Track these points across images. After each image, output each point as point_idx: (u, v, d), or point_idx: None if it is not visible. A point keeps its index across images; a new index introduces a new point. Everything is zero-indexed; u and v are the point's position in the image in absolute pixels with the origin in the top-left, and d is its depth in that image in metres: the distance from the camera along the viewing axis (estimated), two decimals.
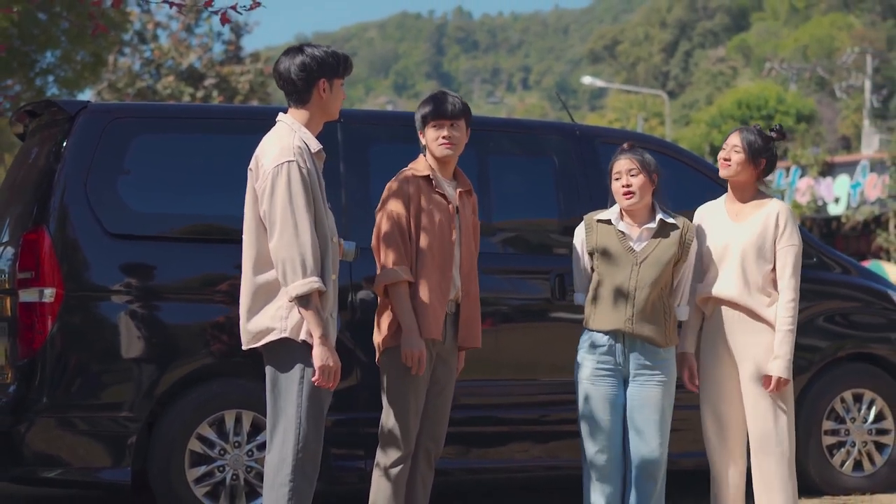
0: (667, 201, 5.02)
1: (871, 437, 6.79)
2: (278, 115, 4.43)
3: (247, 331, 4.32)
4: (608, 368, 4.87)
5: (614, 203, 4.98)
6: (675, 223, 4.92)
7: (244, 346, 4.36)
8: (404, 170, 4.90)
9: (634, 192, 4.87)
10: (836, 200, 28.54)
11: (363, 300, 5.78)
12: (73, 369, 5.54)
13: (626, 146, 4.98)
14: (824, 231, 28.90)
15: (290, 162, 4.21)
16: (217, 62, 30.24)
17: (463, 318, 4.90)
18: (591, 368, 4.89)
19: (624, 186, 4.88)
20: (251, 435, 5.67)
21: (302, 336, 4.22)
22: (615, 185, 4.92)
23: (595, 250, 4.93)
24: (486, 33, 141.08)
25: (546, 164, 6.49)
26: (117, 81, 27.89)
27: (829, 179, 28.80)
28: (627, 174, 4.88)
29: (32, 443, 5.48)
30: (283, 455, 4.24)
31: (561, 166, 6.45)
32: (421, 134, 4.90)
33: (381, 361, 4.85)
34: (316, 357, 4.18)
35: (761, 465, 5.08)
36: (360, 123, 6.19)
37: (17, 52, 16.20)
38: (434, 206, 4.80)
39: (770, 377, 5.02)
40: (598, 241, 4.92)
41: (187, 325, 5.72)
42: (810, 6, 63.59)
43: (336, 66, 4.38)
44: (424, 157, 4.91)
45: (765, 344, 5.05)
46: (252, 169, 4.32)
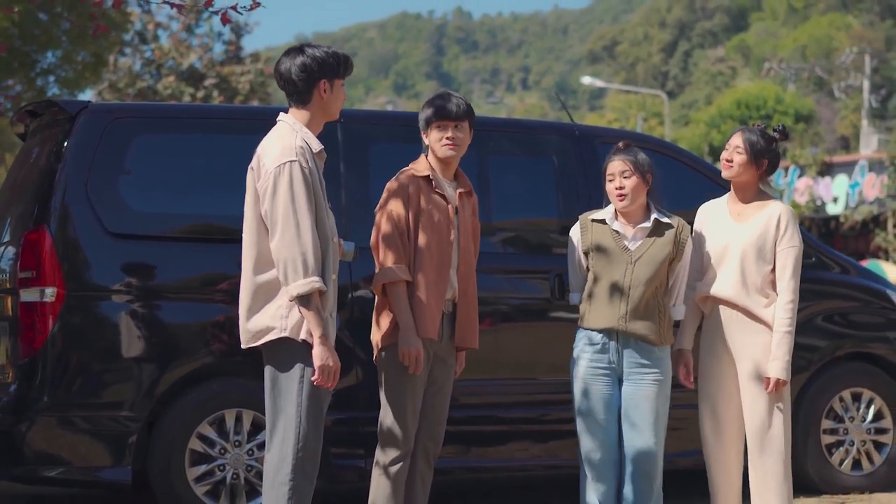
0: (663, 201, 5.02)
1: (869, 436, 6.80)
2: (279, 115, 4.43)
3: (246, 330, 4.32)
4: (602, 367, 4.88)
5: (610, 203, 4.99)
6: (669, 222, 4.92)
7: (243, 344, 4.37)
8: (404, 169, 4.91)
9: (627, 194, 4.88)
10: (835, 200, 28.54)
11: (362, 299, 5.79)
12: (74, 369, 5.54)
13: (621, 145, 4.98)
14: (823, 231, 28.91)
15: (292, 162, 4.20)
16: (217, 62, 30.24)
17: (459, 318, 4.91)
18: (585, 367, 4.90)
19: (617, 189, 4.89)
20: (251, 434, 5.67)
21: (302, 335, 4.22)
22: (609, 186, 4.93)
23: (590, 250, 4.93)
24: (485, 33, 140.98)
25: (546, 164, 6.50)
26: (118, 81, 27.89)
27: (827, 179, 28.80)
28: (620, 176, 4.88)
29: (33, 442, 5.48)
30: (283, 454, 4.24)
31: (560, 166, 6.46)
32: (424, 134, 4.91)
33: (379, 360, 4.86)
34: (316, 357, 4.18)
35: (757, 465, 5.09)
36: (360, 123, 6.20)
37: (17, 52, 16.18)
38: (433, 207, 4.81)
39: (769, 378, 5.03)
40: (592, 241, 4.93)
41: (188, 325, 5.73)
42: (809, 6, 63.56)
43: (337, 67, 4.38)
44: (426, 158, 4.92)
45: (762, 344, 5.06)
46: (253, 168, 4.32)
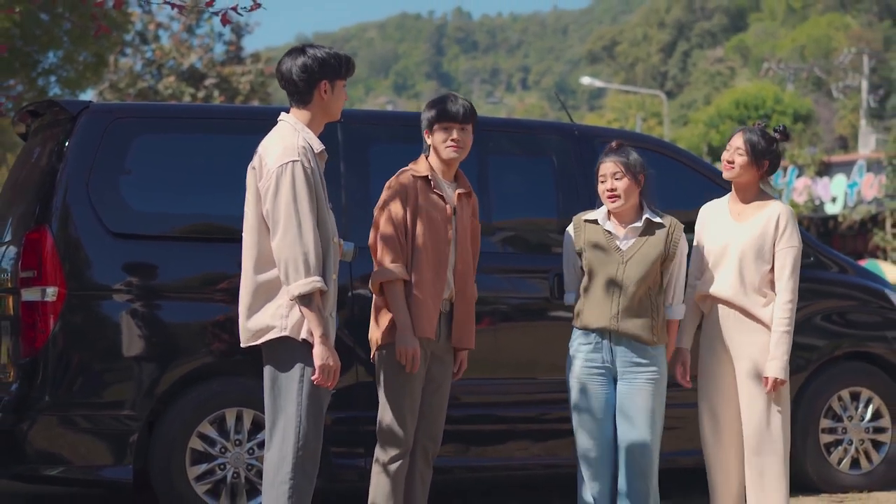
0: (659, 200, 5.02)
1: (868, 435, 6.81)
2: (280, 115, 4.44)
3: (246, 329, 4.33)
4: (597, 366, 4.90)
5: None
6: (661, 222, 4.93)
7: (243, 343, 4.37)
8: (403, 169, 4.92)
9: (619, 196, 4.89)
10: (833, 200, 28.57)
11: (362, 298, 5.80)
12: (75, 368, 5.56)
13: (614, 146, 4.98)
14: (821, 230, 28.95)
15: (294, 162, 4.21)
16: (218, 62, 30.26)
17: (456, 318, 4.91)
18: (580, 366, 4.92)
19: (609, 190, 4.91)
20: (252, 433, 5.68)
21: (302, 335, 4.23)
22: (600, 187, 4.94)
23: (583, 250, 4.95)
24: (485, 34, 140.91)
25: (545, 163, 6.52)
26: (119, 82, 27.92)
27: (826, 179, 28.84)
28: (612, 178, 4.90)
29: (34, 441, 5.49)
30: (283, 453, 4.25)
31: (560, 166, 6.47)
32: (426, 133, 4.91)
33: (377, 358, 4.87)
34: (316, 356, 4.18)
35: (755, 464, 5.09)
36: (360, 123, 6.20)
37: (19, 52, 16.21)
38: (431, 206, 4.82)
39: (767, 378, 5.04)
40: (586, 241, 4.95)
41: (188, 324, 5.74)
42: (807, 7, 63.56)
43: (338, 68, 4.38)
44: (425, 158, 4.93)
45: (760, 343, 5.06)
46: (255, 167, 4.31)
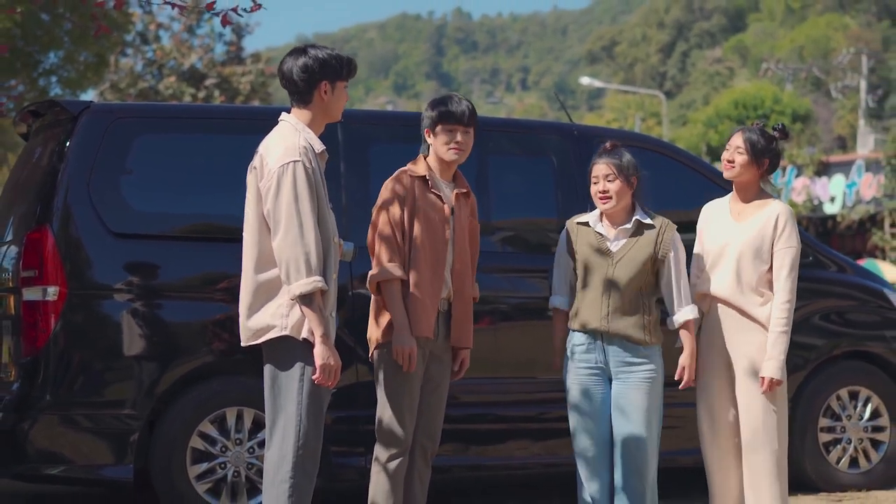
0: (648, 201, 5.02)
1: (866, 434, 6.83)
2: (281, 115, 4.44)
3: (247, 328, 4.34)
4: (591, 366, 4.91)
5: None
6: (651, 223, 4.94)
7: (243, 342, 4.38)
8: (402, 169, 4.92)
9: (610, 198, 4.90)
10: (832, 200, 28.59)
11: (362, 298, 5.80)
12: (76, 367, 5.57)
13: (608, 146, 4.99)
14: (820, 230, 28.95)
15: (295, 162, 4.21)
16: (218, 63, 30.28)
17: (455, 317, 4.92)
18: (575, 366, 4.94)
19: (601, 192, 4.92)
20: (252, 432, 5.70)
21: (303, 334, 4.23)
22: (593, 188, 4.96)
23: (576, 253, 4.98)
24: (485, 34, 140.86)
25: (545, 163, 6.53)
26: (120, 82, 27.93)
27: (824, 179, 28.85)
28: (605, 179, 4.91)
29: (35, 440, 5.51)
30: (283, 452, 4.25)
31: (559, 166, 6.49)
32: (428, 132, 4.89)
33: (376, 357, 4.87)
34: (317, 355, 4.19)
35: (752, 463, 5.09)
36: (360, 123, 6.22)
37: (20, 52, 16.23)
38: (429, 206, 4.82)
39: (763, 378, 5.03)
40: (578, 244, 4.97)
41: (189, 324, 5.75)
42: (806, 7, 63.57)
43: (339, 69, 4.38)
44: (424, 157, 4.93)
45: (757, 343, 5.06)
46: (256, 167, 4.32)
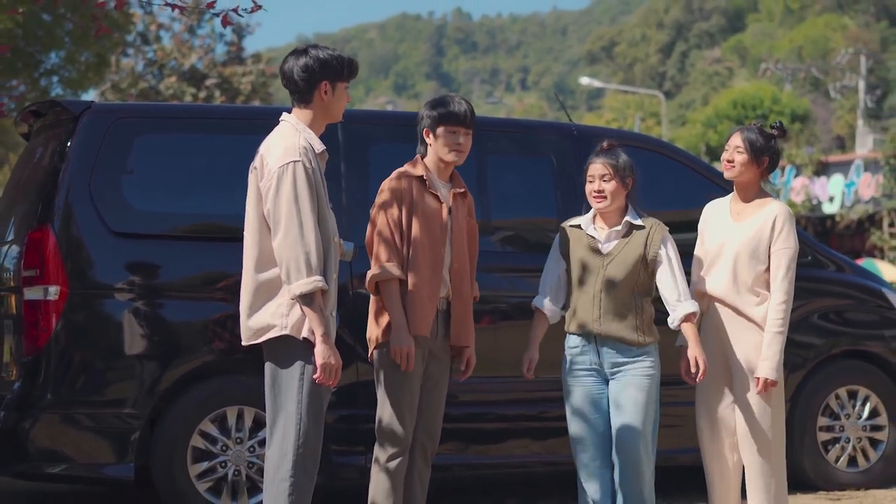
0: (642, 202, 5.02)
1: (865, 433, 6.85)
2: (282, 115, 4.45)
3: (247, 327, 4.35)
4: (586, 368, 4.93)
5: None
6: (641, 224, 4.94)
7: (244, 342, 4.39)
8: (399, 170, 4.92)
9: (605, 198, 4.91)
10: (831, 199, 28.62)
11: (362, 297, 5.81)
12: (77, 366, 5.58)
13: (605, 146, 5.00)
14: (819, 230, 28.98)
15: (295, 162, 4.23)
16: (219, 63, 30.32)
17: (454, 316, 4.92)
18: (572, 368, 4.96)
19: (596, 191, 4.93)
20: (253, 431, 5.71)
21: (303, 333, 4.24)
22: (588, 186, 4.96)
23: (569, 256, 4.99)
24: (485, 34, 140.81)
25: (544, 163, 6.55)
26: (120, 82, 27.97)
27: (823, 179, 28.88)
28: (600, 179, 4.92)
29: (37, 439, 5.52)
30: (283, 451, 4.26)
31: (559, 166, 6.50)
32: (427, 133, 4.88)
33: (375, 357, 4.88)
34: (318, 355, 4.20)
35: (750, 462, 5.10)
36: (360, 123, 6.22)
37: (21, 52, 16.25)
38: (427, 206, 4.83)
39: (758, 378, 5.03)
40: (571, 247, 4.99)
41: (189, 323, 5.76)
42: (805, 7, 63.62)
43: (339, 69, 4.39)
44: (421, 158, 4.92)
45: (754, 343, 5.07)
46: (256, 167, 4.33)
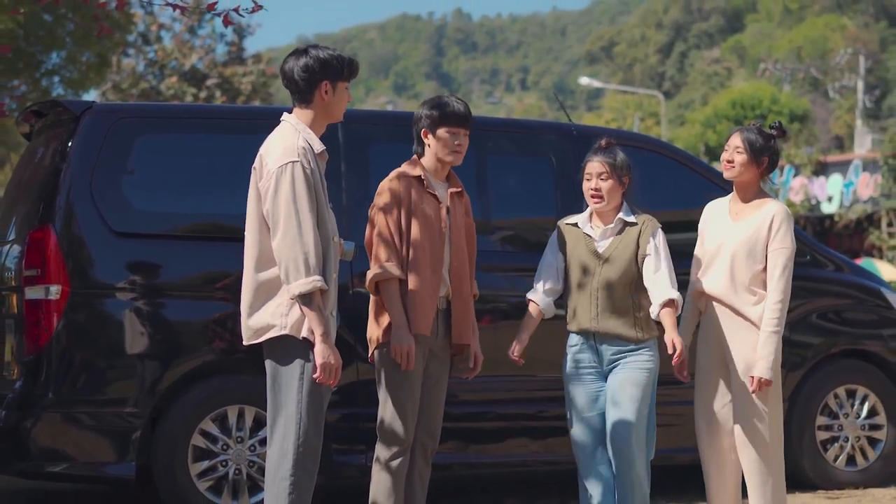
0: (637, 201, 5.04)
1: (864, 432, 6.86)
2: (283, 115, 4.46)
3: (248, 327, 4.36)
4: (585, 366, 4.95)
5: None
6: (634, 221, 4.96)
7: (245, 341, 4.40)
8: (397, 170, 4.93)
9: (602, 197, 4.93)
10: (830, 199, 28.65)
11: (363, 296, 5.83)
12: (79, 365, 5.59)
13: (603, 144, 5.01)
14: (817, 229, 29.01)
15: (294, 162, 4.24)
16: (220, 63, 30.34)
17: (454, 315, 4.93)
18: (571, 367, 4.98)
19: (593, 189, 4.95)
20: (253, 430, 5.72)
21: (303, 333, 4.25)
22: (585, 185, 4.98)
23: (566, 254, 5.01)
24: (485, 34, 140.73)
25: (544, 163, 6.56)
26: (121, 82, 27.98)
27: (822, 178, 28.91)
28: (597, 177, 4.93)
29: (38, 438, 5.53)
30: (283, 450, 4.27)
31: (558, 165, 6.51)
32: (426, 133, 4.89)
33: (376, 356, 4.89)
34: (318, 354, 4.21)
35: (748, 461, 5.11)
36: (360, 123, 6.23)
37: (22, 52, 16.26)
38: (425, 206, 4.84)
39: (753, 377, 5.05)
40: (567, 246, 5.02)
41: (190, 322, 5.78)
42: (804, 7, 63.64)
43: (339, 69, 4.40)
44: (418, 158, 4.93)
45: (751, 342, 5.08)
46: (256, 168, 4.35)
